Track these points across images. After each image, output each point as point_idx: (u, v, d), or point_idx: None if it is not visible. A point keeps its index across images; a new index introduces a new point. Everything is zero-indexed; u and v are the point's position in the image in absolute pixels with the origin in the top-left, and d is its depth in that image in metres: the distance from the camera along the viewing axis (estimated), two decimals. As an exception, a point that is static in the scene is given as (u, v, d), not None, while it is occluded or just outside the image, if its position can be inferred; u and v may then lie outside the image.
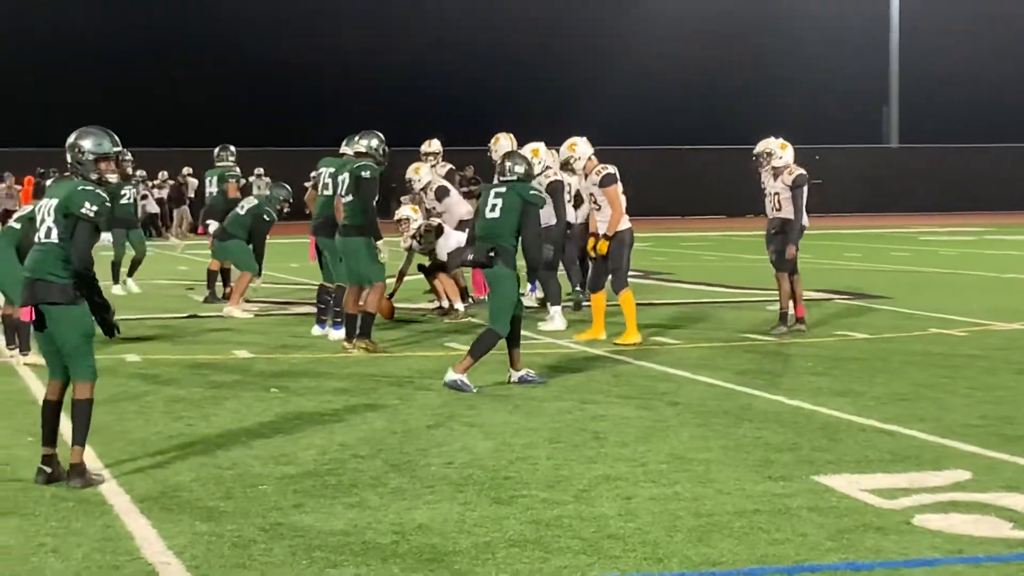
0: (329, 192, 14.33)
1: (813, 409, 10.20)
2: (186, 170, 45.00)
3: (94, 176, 8.03)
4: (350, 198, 13.57)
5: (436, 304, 17.06)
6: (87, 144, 8.04)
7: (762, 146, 15.03)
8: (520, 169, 11.70)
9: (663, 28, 62.10)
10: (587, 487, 7.71)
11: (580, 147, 14.68)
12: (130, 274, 20.68)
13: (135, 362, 12.97)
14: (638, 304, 14.45)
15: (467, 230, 13.83)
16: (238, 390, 11.29)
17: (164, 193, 43.73)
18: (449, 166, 19.39)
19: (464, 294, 16.84)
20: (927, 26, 61.77)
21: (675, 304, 18.14)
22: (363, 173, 13.52)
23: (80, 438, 7.79)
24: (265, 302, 18.81)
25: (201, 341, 14.60)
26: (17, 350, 12.81)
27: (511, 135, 16.90)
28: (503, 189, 11.62)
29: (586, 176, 14.63)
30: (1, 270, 12.14)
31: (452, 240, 16.36)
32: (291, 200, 18.08)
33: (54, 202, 7.93)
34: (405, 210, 16.97)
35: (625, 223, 14.20)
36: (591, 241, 14.51)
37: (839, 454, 8.56)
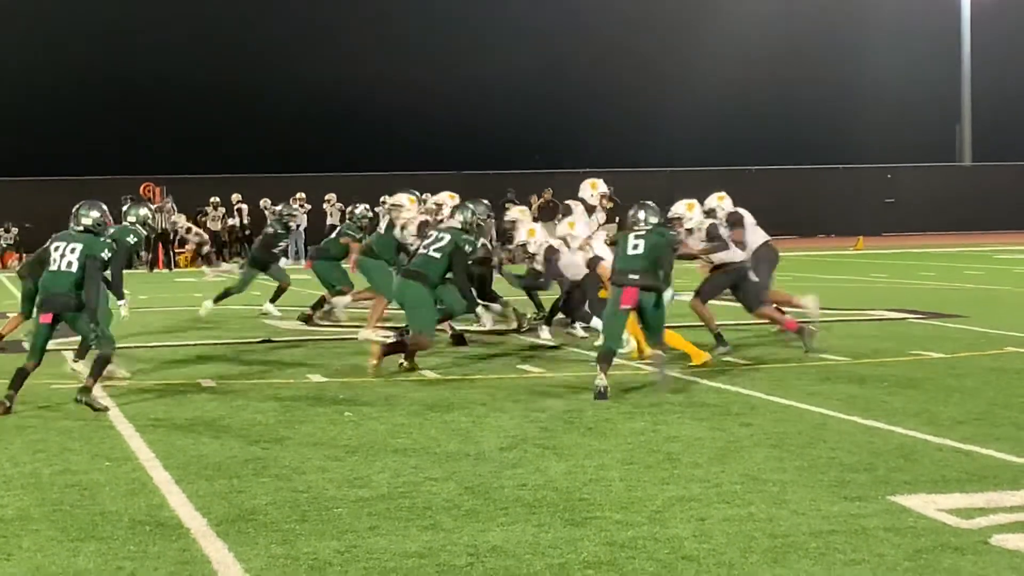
0: None
1: (888, 429, 10.13)
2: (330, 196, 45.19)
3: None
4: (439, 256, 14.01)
5: (539, 314, 17.39)
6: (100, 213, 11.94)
7: (671, 212, 15.02)
8: (655, 219, 12.84)
9: (734, 48, 61.89)
10: (661, 508, 7.70)
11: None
12: (272, 300, 20.71)
13: (210, 387, 13.08)
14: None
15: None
16: (312, 414, 11.36)
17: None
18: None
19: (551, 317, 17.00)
20: (999, 43, 61.20)
21: (748, 325, 18.07)
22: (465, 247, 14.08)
23: (96, 375, 11.52)
24: (338, 326, 18.90)
25: (275, 365, 14.69)
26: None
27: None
28: (642, 233, 12.65)
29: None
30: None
31: (566, 256, 16.29)
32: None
33: (79, 246, 11.54)
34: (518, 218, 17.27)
35: None
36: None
37: (915, 474, 8.50)
